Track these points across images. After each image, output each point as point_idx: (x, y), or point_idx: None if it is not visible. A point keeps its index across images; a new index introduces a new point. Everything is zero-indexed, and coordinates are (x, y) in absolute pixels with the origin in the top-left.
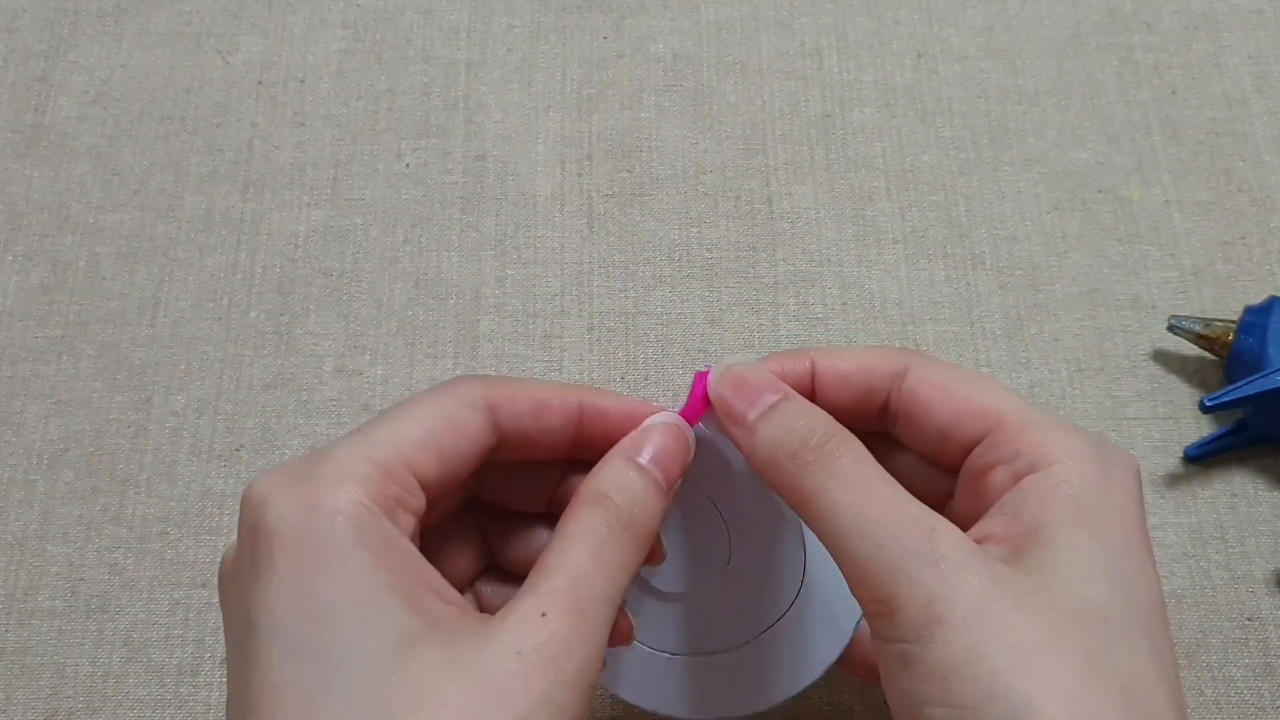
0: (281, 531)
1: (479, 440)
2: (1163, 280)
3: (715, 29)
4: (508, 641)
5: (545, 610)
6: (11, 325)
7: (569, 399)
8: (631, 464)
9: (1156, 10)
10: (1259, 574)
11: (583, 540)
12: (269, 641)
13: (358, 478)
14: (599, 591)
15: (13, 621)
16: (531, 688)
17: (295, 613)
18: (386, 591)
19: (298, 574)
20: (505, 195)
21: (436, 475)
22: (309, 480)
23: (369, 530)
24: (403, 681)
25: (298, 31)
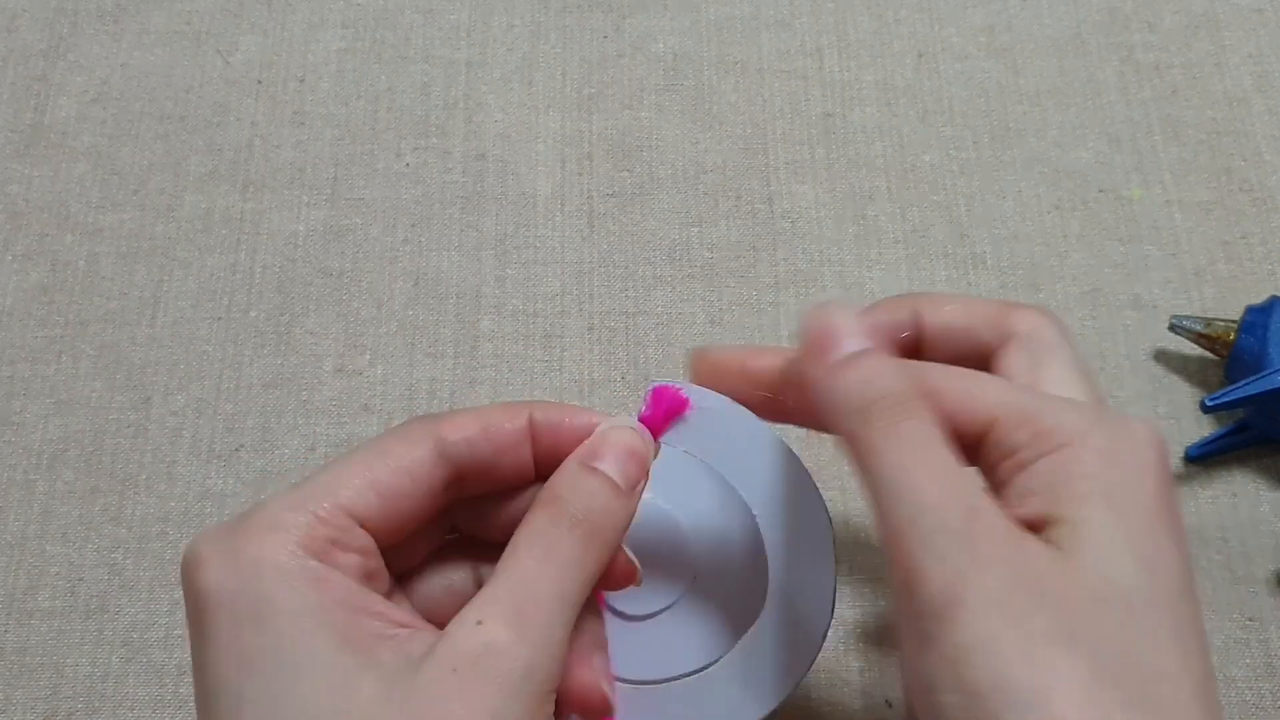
0: (212, 590)
1: (426, 476)
2: (1164, 280)
3: (715, 28)
4: (444, 660)
5: (481, 619)
6: (11, 325)
7: (518, 415)
8: (584, 467)
9: (1157, 10)
10: (1260, 574)
11: (529, 542)
12: (215, 701)
13: (283, 526)
14: (544, 591)
15: (12, 621)
16: (472, 704)
17: (231, 669)
18: (317, 631)
19: (229, 630)
20: (505, 195)
21: (379, 514)
22: (237, 535)
23: (296, 574)
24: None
25: (297, 31)
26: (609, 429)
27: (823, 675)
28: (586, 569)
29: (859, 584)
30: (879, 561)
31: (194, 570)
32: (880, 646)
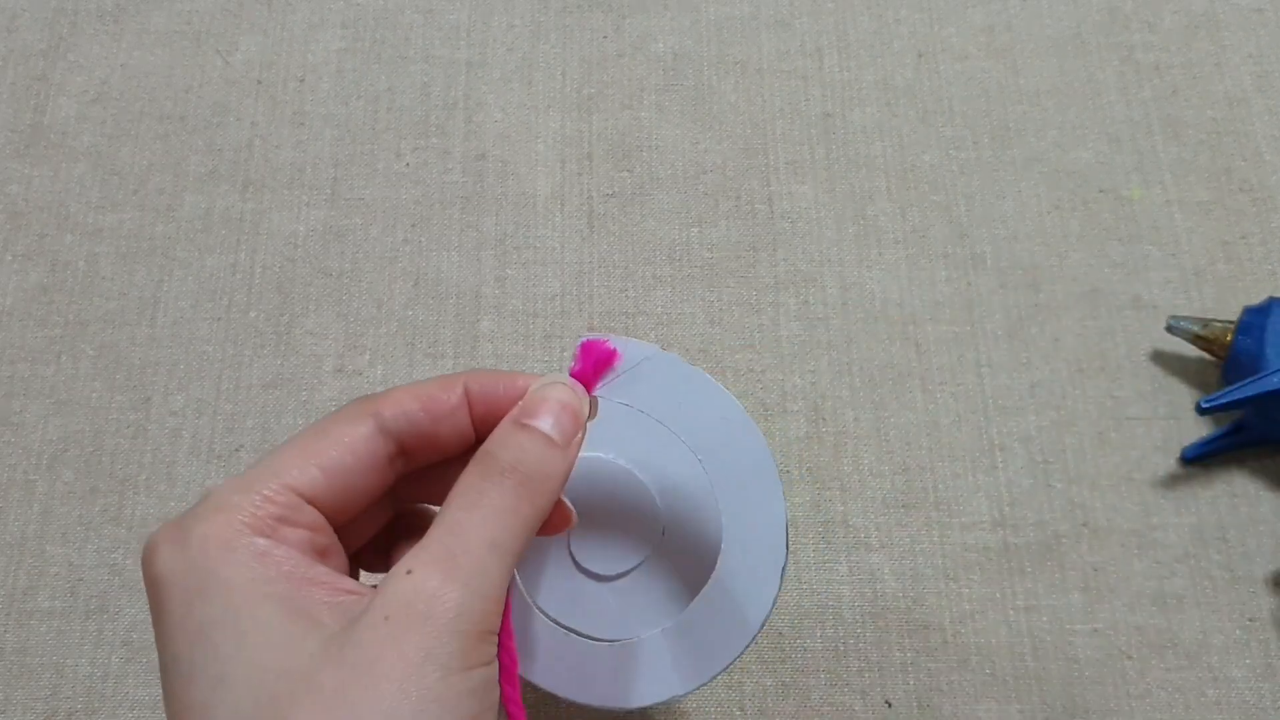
0: (164, 573)
1: (368, 450)
2: (1164, 280)
3: (715, 28)
4: (376, 610)
5: (411, 568)
6: (11, 325)
7: (453, 385)
8: (516, 425)
9: (1157, 10)
10: (1260, 574)
11: (460, 495)
12: (170, 675)
13: (229, 507)
14: (473, 537)
15: (12, 622)
16: (405, 648)
17: (183, 642)
18: (263, 602)
19: (180, 607)
20: (505, 195)
21: (324, 489)
22: (186, 520)
23: (240, 550)
24: (281, 682)
25: (297, 31)
26: (540, 387)
27: (823, 675)
28: (519, 515)
29: (859, 584)
30: (877, 561)
31: (149, 558)
32: (880, 646)
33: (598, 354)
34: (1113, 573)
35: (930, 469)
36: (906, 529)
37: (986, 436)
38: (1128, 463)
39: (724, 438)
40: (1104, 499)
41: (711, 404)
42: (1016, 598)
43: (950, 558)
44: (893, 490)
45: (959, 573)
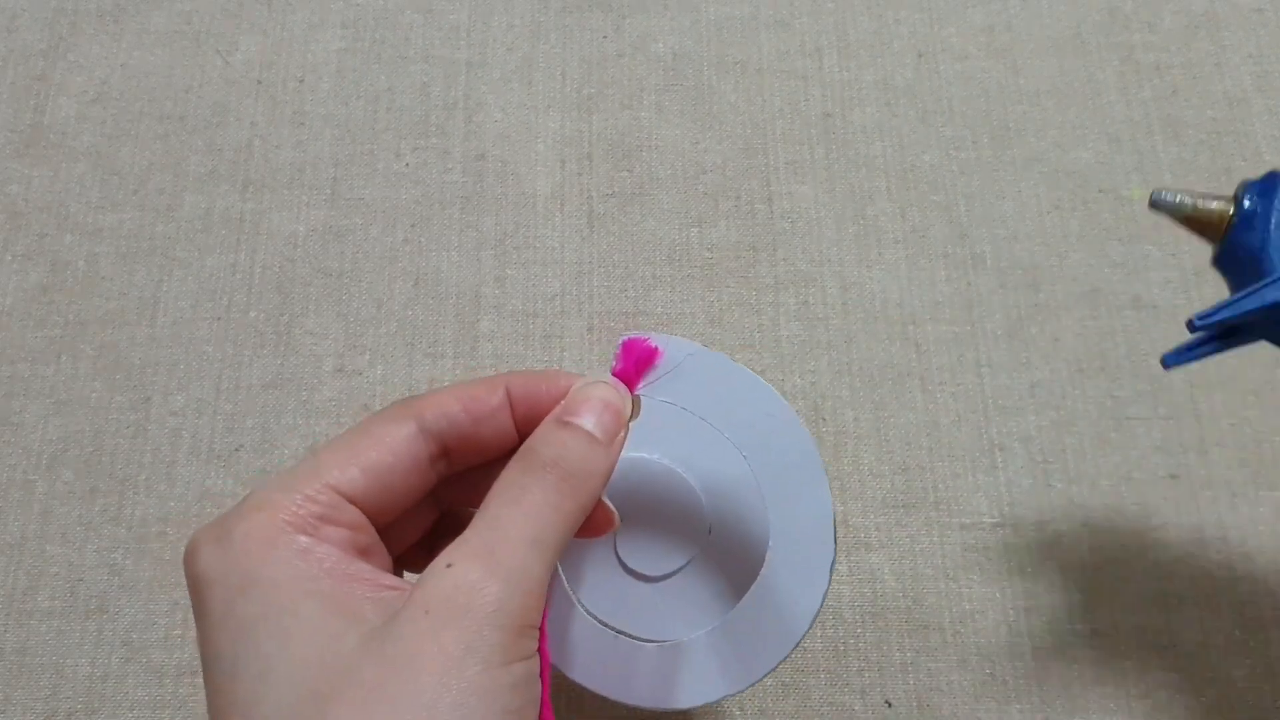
0: (206, 571)
1: (409, 451)
2: (1164, 280)
3: (715, 28)
4: (416, 604)
5: (451, 562)
6: (11, 325)
7: (495, 387)
8: (559, 423)
9: (1157, 10)
10: (1260, 574)
11: (501, 491)
12: (213, 672)
13: (271, 505)
14: (513, 532)
15: (12, 622)
16: (446, 642)
17: (225, 639)
18: (305, 599)
19: (223, 605)
20: (505, 195)
21: (364, 489)
22: (228, 519)
23: (282, 547)
24: (324, 676)
25: (297, 31)
26: (583, 386)
27: (823, 675)
28: (561, 512)
29: (859, 584)
30: (877, 560)
31: (191, 557)
32: (880, 646)
33: (639, 352)
34: (1113, 573)
35: (930, 469)
36: (906, 529)
37: (986, 436)
38: (1128, 463)
39: (769, 434)
40: (1104, 499)
41: (756, 400)
42: (1016, 598)
43: (950, 558)
44: (893, 490)
45: (959, 573)
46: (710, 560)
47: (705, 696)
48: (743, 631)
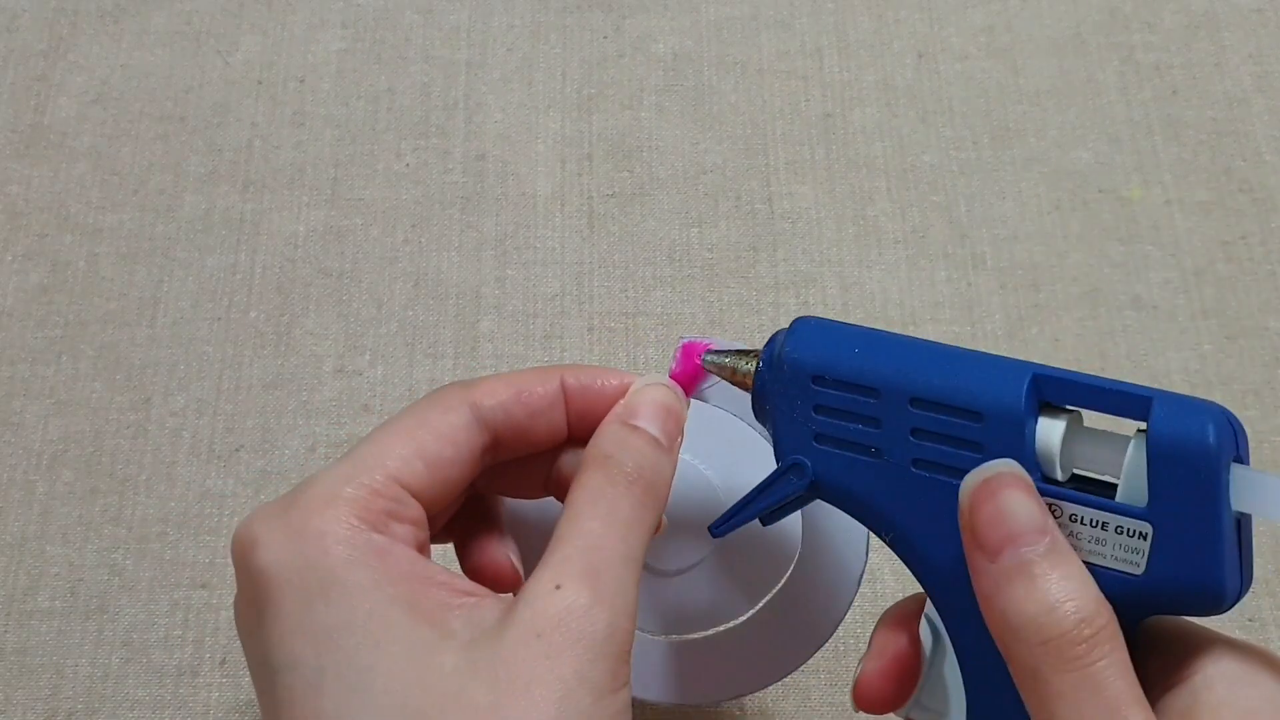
0: (274, 568)
1: (466, 442)
2: (1164, 280)
3: (715, 28)
4: (525, 625)
5: (559, 583)
6: (11, 325)
7: (550, 378)
8: (626, 425)
9: (1157, 10)
10: (1260, 574)
11: (590, 503)
12: (289, 679)
13: (341, 500)
14: (613, 552)
15: (12, 622)
16: (561, 668)
17: (306, 646)
18: (390, 605)
19: (299, 607)
20: (505, 195)
21: (427, 483)
22: (293, 511)
23: (360, 547)
24: (426, 694)
25: (298, 31)
26: (645, 386)
27: (823, 675)
28: (645, 526)
29: None
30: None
31: (250, 550)
32: None
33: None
34: None
35: None
36: None
37: None
38: None
39: None
40: None
41: None
42: None
43: None
44: None
45: None
46: (729, 558)
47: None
48: (763, 632)
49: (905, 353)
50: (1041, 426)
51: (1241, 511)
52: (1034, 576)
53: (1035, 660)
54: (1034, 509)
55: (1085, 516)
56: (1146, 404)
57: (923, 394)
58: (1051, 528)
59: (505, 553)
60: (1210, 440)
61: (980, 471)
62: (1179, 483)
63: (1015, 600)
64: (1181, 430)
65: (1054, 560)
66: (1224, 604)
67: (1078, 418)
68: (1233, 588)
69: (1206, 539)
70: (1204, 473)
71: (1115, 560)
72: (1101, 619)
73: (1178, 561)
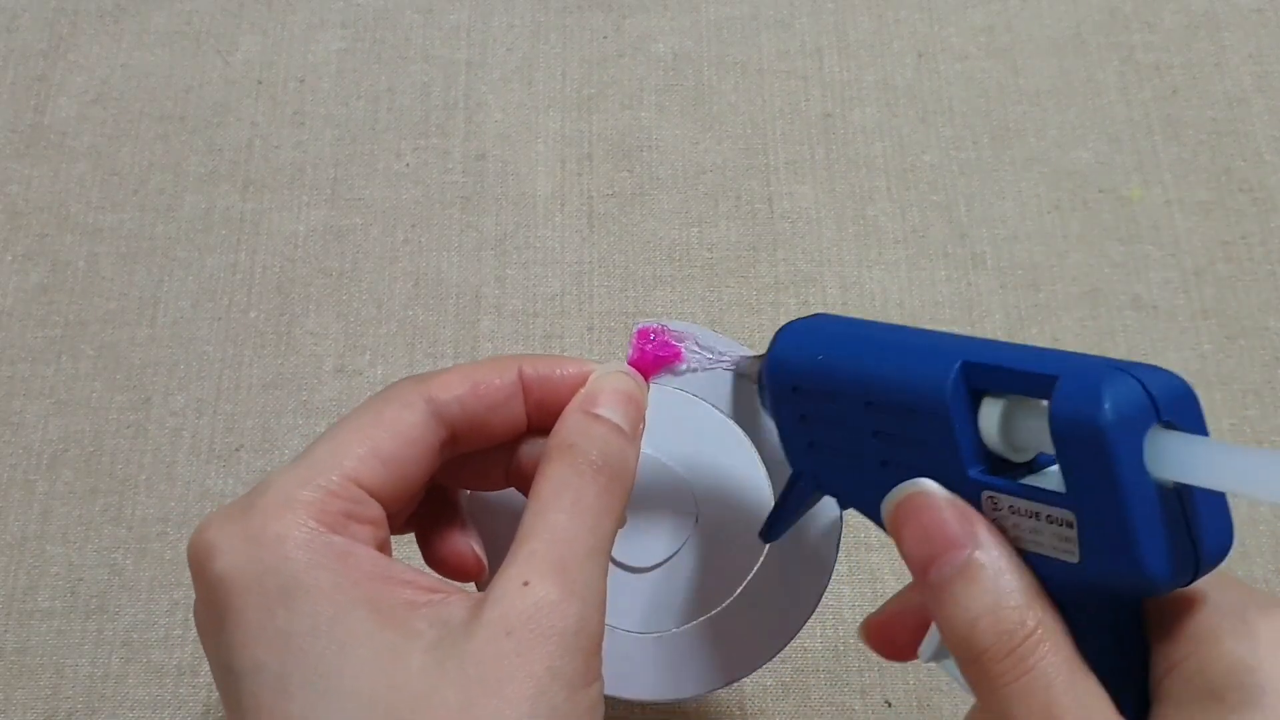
0: (233, 574)
1: (422, 438)
2: (1164, 280)
3: (715, 28)
4: (495, 623)
5: (527, 579)
6: (11, 325)
7: (507, 369)
8: (588, 414)
9: (1157, 10)
10: (1259, 574)
11: (556, 495)
12: (253, 685)
13: (298, 503)
14: (581, 545)
15: (12, 622)
16: (532, 665)
17: (268, 651)
18: (353, 607)
19: (260, 613)
20: (505, 195)
21: (385, 481)
22: (249, 516)
23: (320, 550)
24: (395, 695)
25: (297, 31)
26: (605, 374)
27: (823, 675)
28: (612, 515)
29: (859, 584)
30: (877, 560)
31: (208, 558)
32: None
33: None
34: None
35: None
36: None
37: None
38: None
39: None
40: None
41: None
42: None
43: None
44: None
45: None
46: (701, 550)
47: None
48: (738, 623)
49: (863, 351)
50: (982, 413)
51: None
52: (953, 595)
53: (974, 674)
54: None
55: (1020, 507)
56: (1051, 383)
57: (871, 396)
58: (970, 538)
59: (468, 543)
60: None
61: (892, 496)
62: (1085, 464)
63: (944, 619)
64: (1076, 407)
65: (968, 577)
66: (1156, 586)
67: None
68: (1159, 568)
69: (1117, 521)
70: (1097, 449)
71: (1054, 549)
72: (1026, 627)
73: (1102, 547)
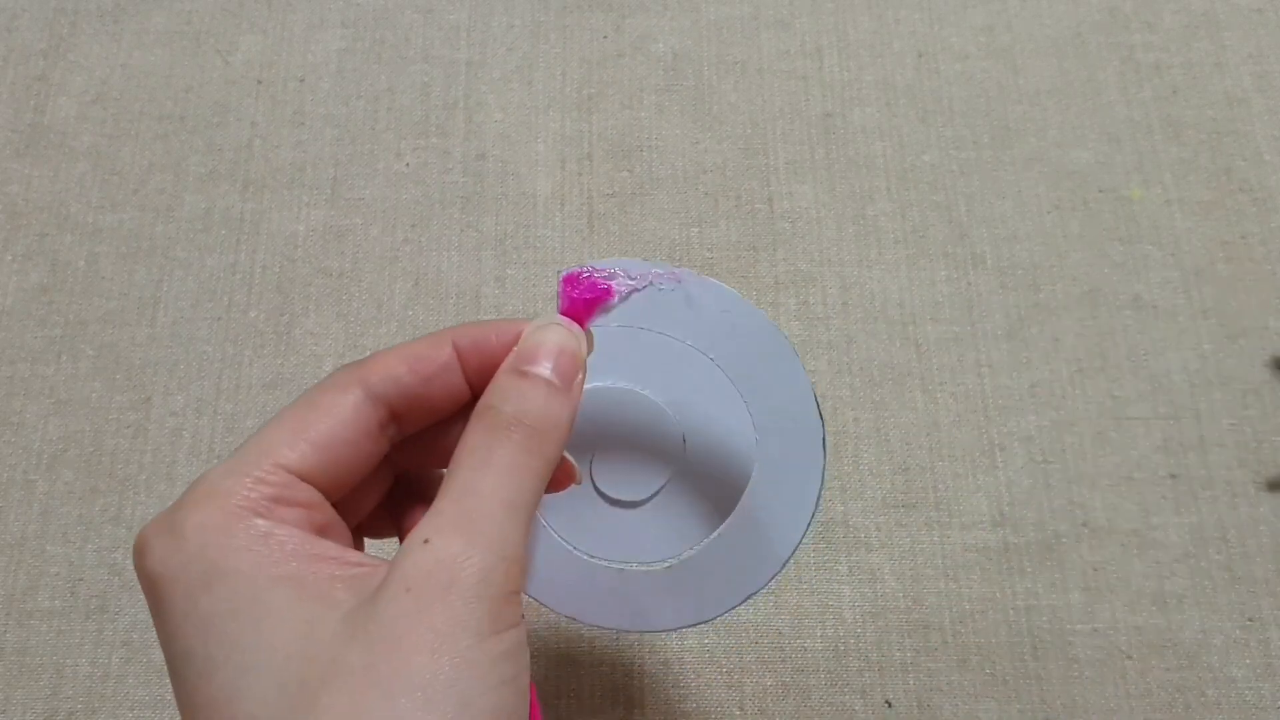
0: (160, 568)
1: (357, 419)
2: (1164, 280)
3: (715, 28)
4: (396, 583)
5: (427, 537)
6: (11, 325)
7: (441, 342)
8: (515, 373)
9: (1157, 10)
10: (1260, 574)
11: (468, 454)
12: (185, 670)
13: (220, 492)
14: (489, 498)
15: (12, 622)
16: (431, 618)
17: (194, 637)
18: (274, 586)
19: (185, 601)
20: (505, 195)
21: (317, 464)
22: (176, 512)
23: (240, 535)
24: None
25: (297, 31)
26: (534, 330)
27: (823, 675)
28: (531, 470)
29: (859, 584)
30: (877, 561)
31: (141, 554)
32: (880, 646)
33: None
34: (1113, 573)
35: (930, 469)
36: (906, 529)
37: (986, 436)
38: (1128, 463)
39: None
40: (1104, 499)
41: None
42: (1016, 598)
43: (950, 558)
44: (893, 490)
45: (959, 573)
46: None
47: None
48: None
49: None
50: None
51: None
52: None
53: None
54: None
55: None
56: None
57: None
58: None
59: None
60: None
61: None
62: None
63: None
64: None
65: None
66: None
67: None
68: None
69: None
70: None
71: None
72: None
73: None
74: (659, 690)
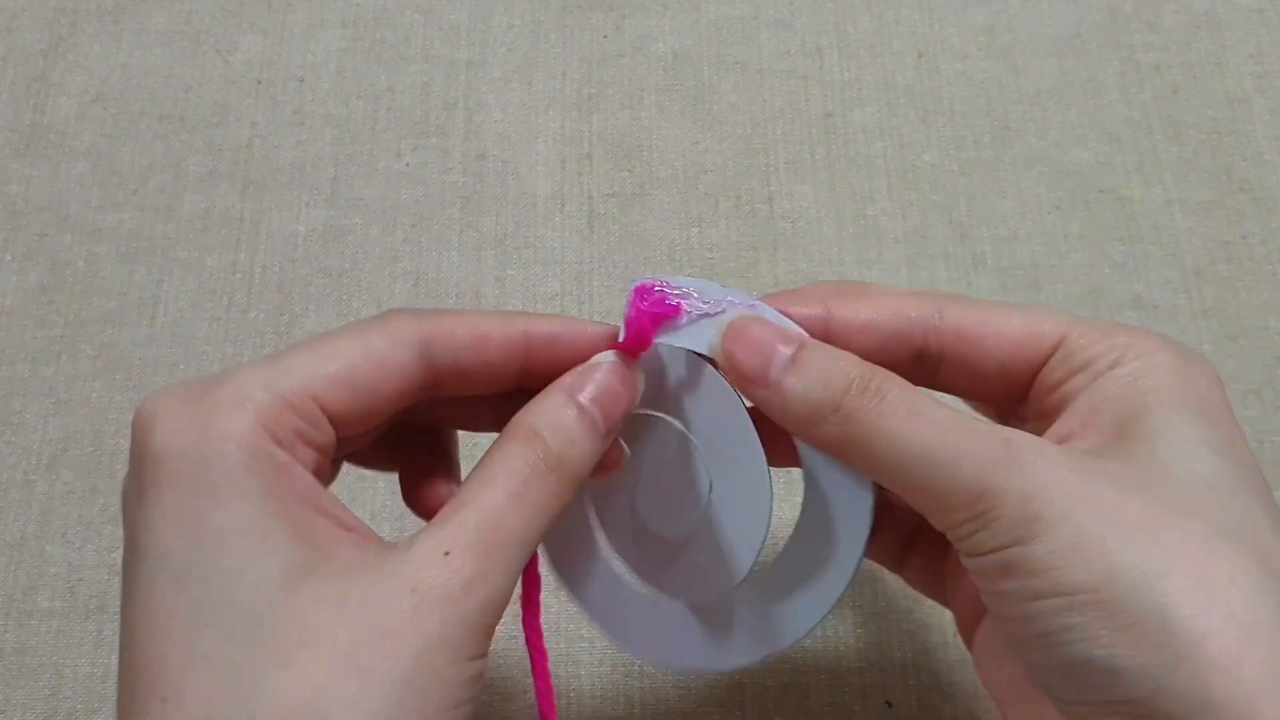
0: (167, 454)
1: (404, 378)
2: (1164, 280)
3: (715, 28)
4: (404, 577)
5: (449, 549)
6: (11, 325)
7: (512, 329)
8: (571, 401)
9: (1158, 9)
10: None
11: (504, 477)
12: (153, 567)
13: (255, 405)
14: (512, 534)
15: (12, 622)
16: (426, 627)
17: (178, 538)
18: (276, 520)
19: (182, 499)
20: (505, 195)
21: (349, 410)
22: (202, 402)
23: (260, 457)
24: (289, 615)
25: (297, 31)
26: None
27: (823, 675)
28: (552, 513)
29: (859, 584)
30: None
31: (148, 429)
32: (880, 646)
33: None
34: None
35: None
36: None
37: None
38: None
39: None
40: None
41: None
42: None
43: None
44: None
45: None
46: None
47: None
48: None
49: None
50: None
51: None
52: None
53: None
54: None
55: None
56: None
57: None
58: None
59: (451, 489)
60: None
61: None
62: None
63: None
64: None
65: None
66: None
67: None
68: None
69: None
70: None
71: None
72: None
73: None
74: (659, 690)
